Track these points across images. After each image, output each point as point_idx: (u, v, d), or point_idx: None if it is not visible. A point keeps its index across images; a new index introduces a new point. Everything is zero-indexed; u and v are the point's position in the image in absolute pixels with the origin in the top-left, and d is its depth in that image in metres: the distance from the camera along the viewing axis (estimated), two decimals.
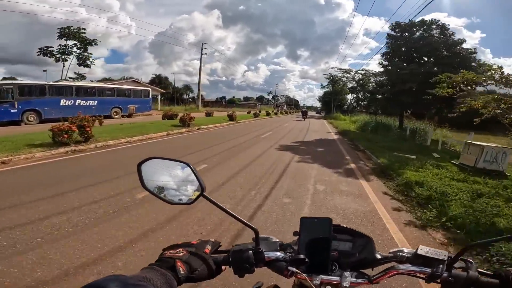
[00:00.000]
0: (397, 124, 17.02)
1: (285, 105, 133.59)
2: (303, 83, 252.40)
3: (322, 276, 0.60)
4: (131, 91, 21.34)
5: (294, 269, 0.59)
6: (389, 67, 15.58)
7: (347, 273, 0.59)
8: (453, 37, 13.98)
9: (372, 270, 0.64)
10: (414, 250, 0.60)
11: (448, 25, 14.40)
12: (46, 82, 16.67)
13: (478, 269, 0.55)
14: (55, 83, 17.19)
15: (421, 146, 10.68)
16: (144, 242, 2.52)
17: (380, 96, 16.28)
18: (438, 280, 0.55)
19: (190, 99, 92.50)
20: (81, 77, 25.67)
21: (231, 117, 20.80)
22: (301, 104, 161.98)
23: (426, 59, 14.39)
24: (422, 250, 0.59)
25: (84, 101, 16.82)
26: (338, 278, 0.59)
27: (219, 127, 15.75)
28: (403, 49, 14.82)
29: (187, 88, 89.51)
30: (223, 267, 0.60)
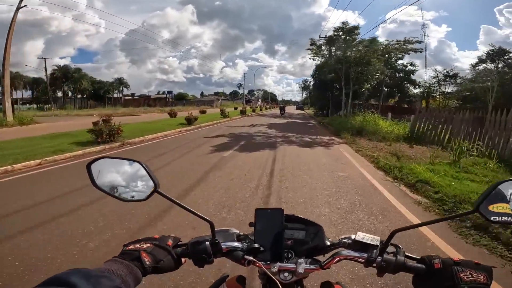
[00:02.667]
0: None
1: (259, 100, 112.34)
2: (281, 78, 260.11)
3: (279, 264, 0.63)
4: None
5: (251, 258, 0.62)
6: None
7: (301, 260, 0.63)
8: None
9: (323, 256, 0.67)
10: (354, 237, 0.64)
11: None
12: None
13: (406, 254, 0.59)
14: None
15: None
16: None
17: None
18: (374, 265, 0.59)
19: (126, 97, 67.46)
20: None
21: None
22: (280, 99, 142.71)
23: None
24: (359, 236, 0.62)
25: None
26: (294, 265, 0.62)
27: None
28: None
29: (120, 82, 64.37)
30: (183, 260, 0.62)
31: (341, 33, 18.26)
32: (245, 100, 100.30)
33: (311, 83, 32.58)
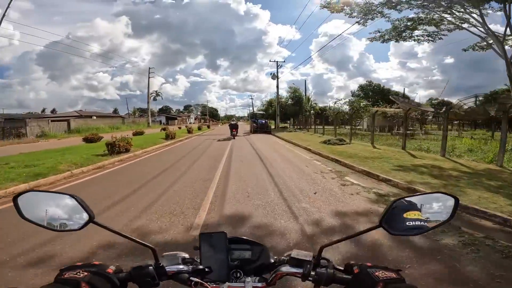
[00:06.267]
0: None
1: (191, 117, 77.67)
2: (224, 93, 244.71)
3: (228, 284, 0.64)
4: None
5: (197, 280, 0.62)
6: None
7: (249, 279, 0.65)
8: None
9: (270, 273, 0.68)
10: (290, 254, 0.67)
11: None
12: None
13: (335, 266, 0.64)
14: None
15: None
16: None
17: None
18: (310, 279, 0.62)
19: None
20: None
21: None
22: (222, 114, 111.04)
23: None
24: (294, 253, 0.66)
25: None
26: (243, 284, 0.64)
27: None
28: None
29: None
30: (128, 284, 0.60)
31: None
32: (167, 117, 64.65)
33: None
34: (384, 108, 25.98)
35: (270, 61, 33.12)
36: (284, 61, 27.58)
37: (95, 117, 38.47)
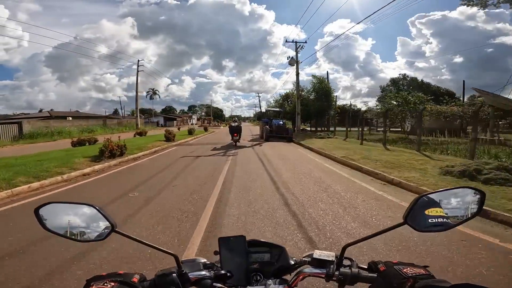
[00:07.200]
0: None
1: (195, 118, 70.96)
2: (230, 94, 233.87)
3: (250, 287, 0.63)
4: None
5: (219, 285, 0.62)
6: None
7: (269, 281, 0.64)
8: None
9: (290, 275, 0.67)
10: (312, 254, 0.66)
11: None
12: None
13: (359, 265, 0.63)
14: None
15: None
16: None
17: None
18: (335, 278, 0.61)
19: None
20: None
21: None
22: (227, 115, 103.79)
23: None
24: (317, 254, 0.65)
25: None
26: (264, 286, 0.64)
27: None
28: None
29: None
30: None
31: None
32: (165, 118, 57.80)
33: None
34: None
35: (286, 41, 26.04)
36: (306, 42, 19.66)
37: (70, 118, 31.75)
